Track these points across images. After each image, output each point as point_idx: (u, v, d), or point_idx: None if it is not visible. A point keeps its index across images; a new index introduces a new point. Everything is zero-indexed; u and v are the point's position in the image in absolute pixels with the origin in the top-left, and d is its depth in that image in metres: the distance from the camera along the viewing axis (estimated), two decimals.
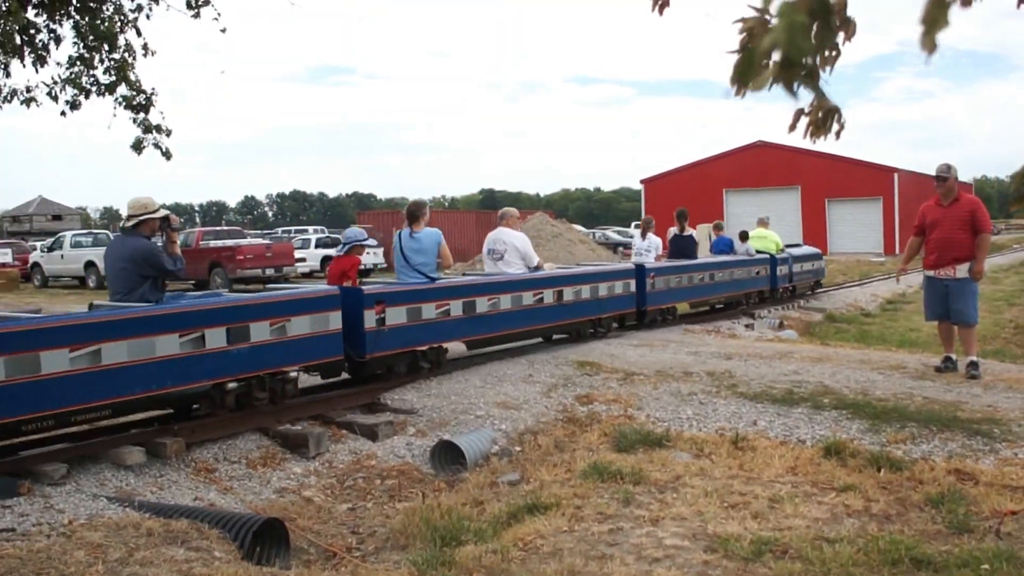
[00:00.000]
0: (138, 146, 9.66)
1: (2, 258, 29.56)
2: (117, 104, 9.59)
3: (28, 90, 9.51)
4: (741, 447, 6.06)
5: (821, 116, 1.60)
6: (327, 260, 30.47)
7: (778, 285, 17.14)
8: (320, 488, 6.04)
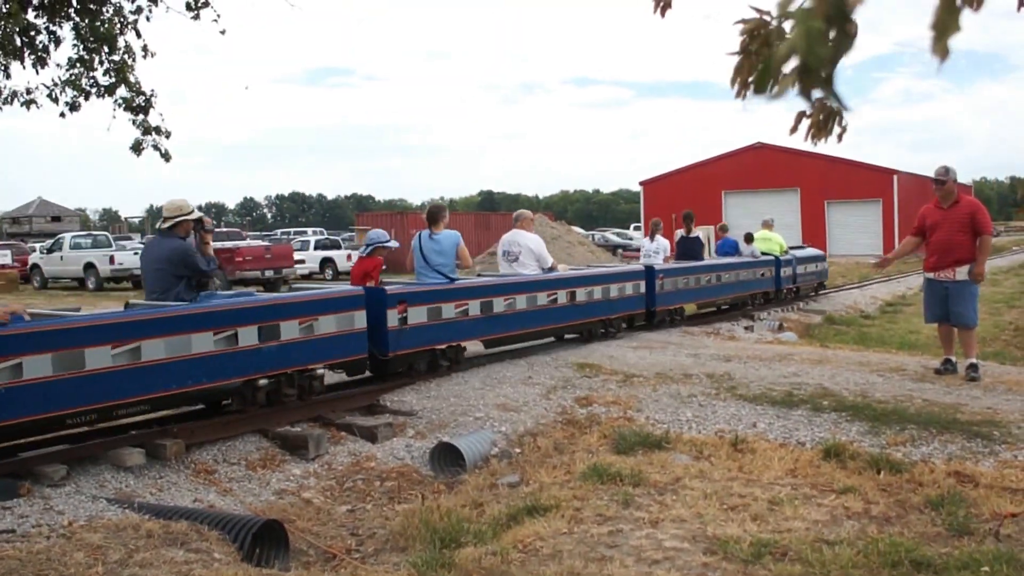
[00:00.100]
0: (137, 148, 9.65)
1: (1, 259, 29.54)
2: (117, 106, 9.59)
3: (28, 92, 9.50)
4: (741, 449, 6.05)
5: (823, 118, 1.60)
6: (326, 262, 30.45)
7: (782, 286, 17.37)
8: (319, 490, 6.03)
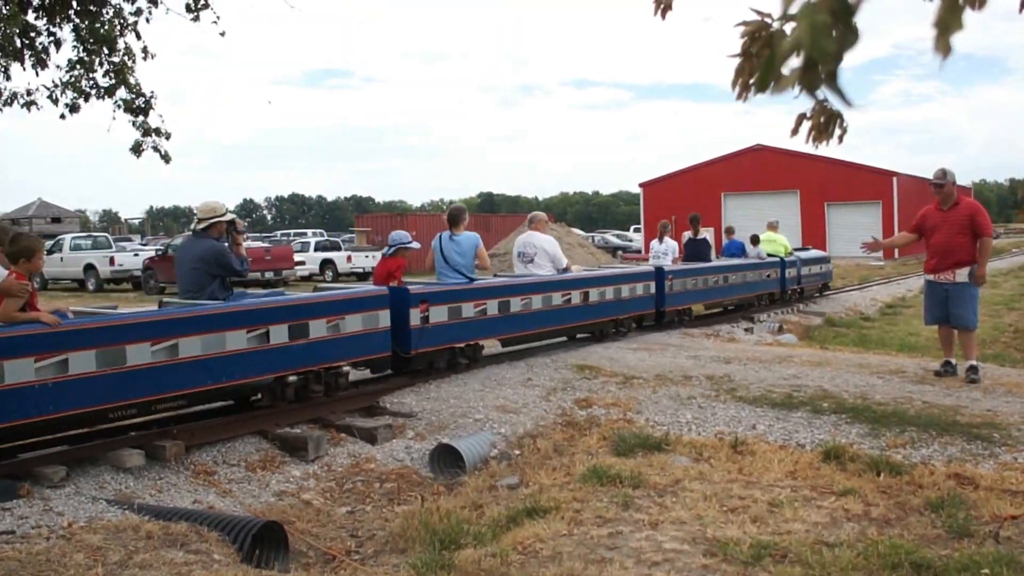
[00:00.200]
0: (137, 149, 9.66)
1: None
2: (117, 107, 9.60)
3: (28, 93, 9.52)
4: (740, 451, 6.05)
5: (823, 121, 1.59)
6: (326, 263, 30.45)
7: (787, 287, 17.65)
8: (319, 491, 6.03)
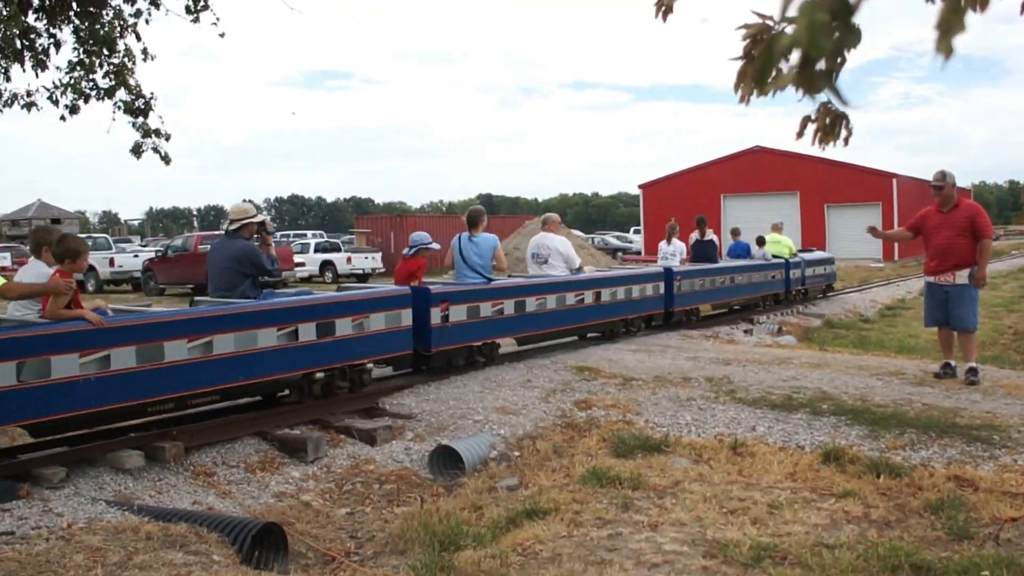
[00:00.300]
0: (137, 150, 9.66)
1: (1, 262, 29.52)
2: (116, 108, 9.60)
3: (28, 94, 9.53)
4: (740, 453, 6.04)
5: (829, 122, 1.59)
6: (326, 264, 30.42)
7: (791, 288, 17.93)
8: (318, 493, 6.03)
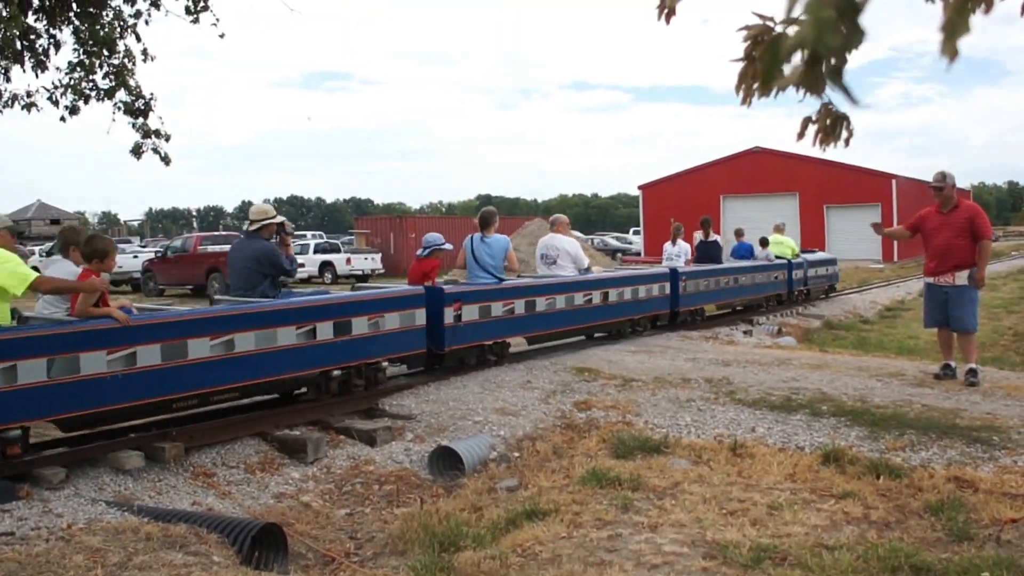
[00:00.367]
0: (137, 151, 9.68)
1: None
2: (116, 109, 9.62)
3: (28, 95, 9.54)
4: (740, 454, 6.04)
5: (830, 123, 1.59)
6: (326, 265, 30.42)
7: (794, 288, 18.18)
8: (318, 493, 6.03)
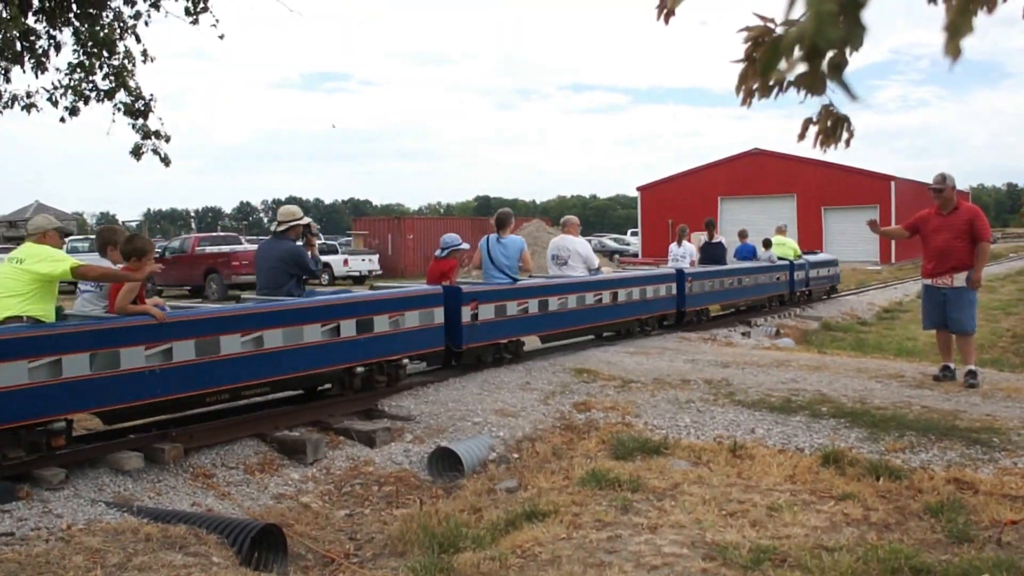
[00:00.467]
0: (137, 152, 9.68)
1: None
2: (116, 110, 9.61)
3: (28, 96, 9.54)
4: (739, 455, 6.04)
5: (830, 125, 1.59)
6: (323, 266, 30.39)
7: (796, 289, 18.45)
8: (318, 494, 6.03)
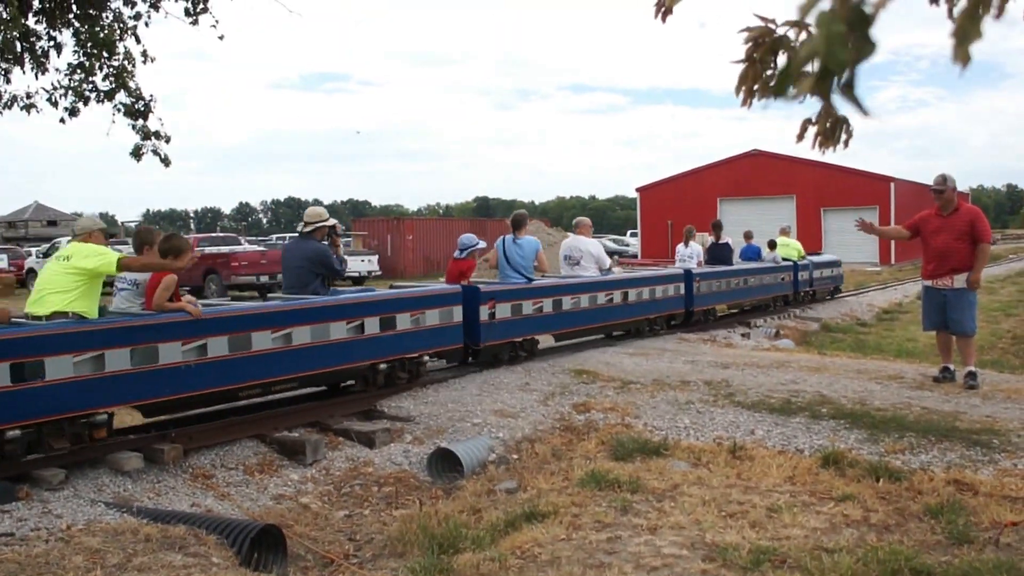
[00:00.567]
0: (137, 153, 9.67)
1: None
2: (116, 111, 9.61)
3: (28, 96, 9.54)
4: (739, 456, 6.04)
5: (829, 126, 1.59)
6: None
7: (800, 290, 18.69)
8: (317, 495, 6.03)
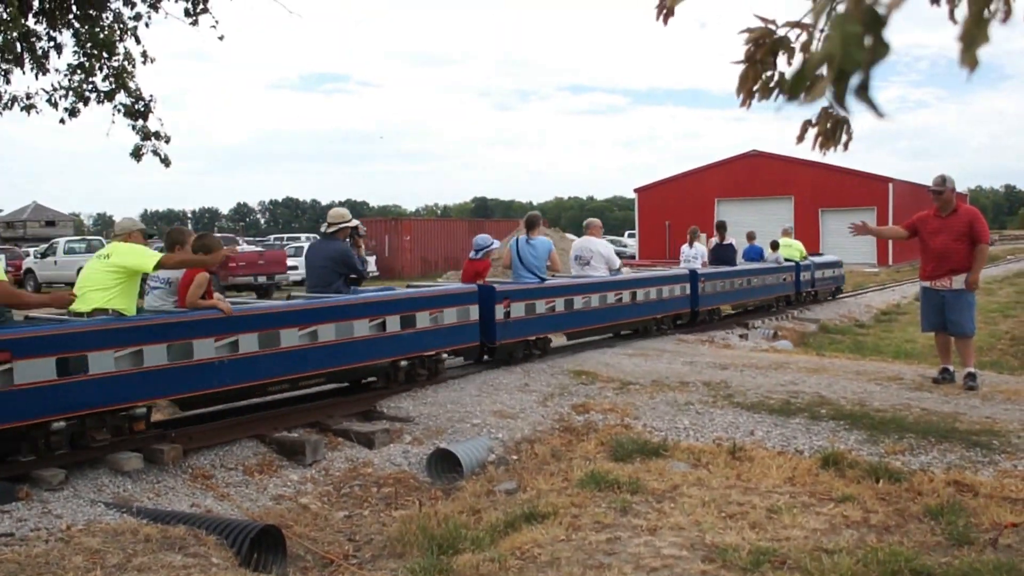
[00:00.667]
0: (137, 153, 9.67)
1: None
2: (116, 111, 9.61)
3: (28, 97, 9.54)
4: (738, 457, 6.05)
5: (830, 127, 1.59)
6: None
7: (802, 290, 18.88)
8: (317, 495, 6.02)
